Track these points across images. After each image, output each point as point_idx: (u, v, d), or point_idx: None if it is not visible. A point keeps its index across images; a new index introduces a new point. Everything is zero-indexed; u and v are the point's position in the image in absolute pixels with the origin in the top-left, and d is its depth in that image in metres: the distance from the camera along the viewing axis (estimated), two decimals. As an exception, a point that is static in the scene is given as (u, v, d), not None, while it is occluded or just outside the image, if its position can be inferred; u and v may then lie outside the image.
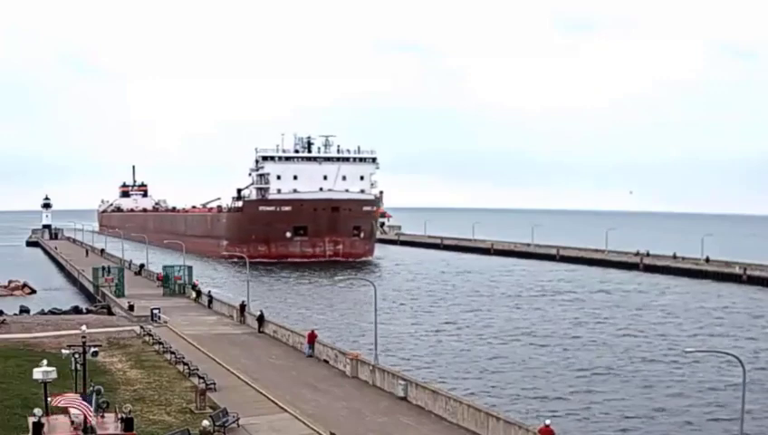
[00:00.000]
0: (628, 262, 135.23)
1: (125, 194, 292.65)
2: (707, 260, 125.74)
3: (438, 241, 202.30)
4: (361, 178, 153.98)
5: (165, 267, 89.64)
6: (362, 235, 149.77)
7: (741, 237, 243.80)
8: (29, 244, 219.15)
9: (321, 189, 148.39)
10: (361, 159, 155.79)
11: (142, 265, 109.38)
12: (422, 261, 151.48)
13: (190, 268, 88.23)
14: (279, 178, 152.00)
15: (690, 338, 66.99)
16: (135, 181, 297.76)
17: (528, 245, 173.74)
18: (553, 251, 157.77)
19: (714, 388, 48.35)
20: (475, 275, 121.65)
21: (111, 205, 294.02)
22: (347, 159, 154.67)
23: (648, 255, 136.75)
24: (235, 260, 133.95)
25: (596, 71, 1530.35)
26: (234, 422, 33.09)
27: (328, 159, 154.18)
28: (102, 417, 24.48)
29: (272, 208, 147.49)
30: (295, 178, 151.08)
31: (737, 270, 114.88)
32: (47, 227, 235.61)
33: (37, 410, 24.03)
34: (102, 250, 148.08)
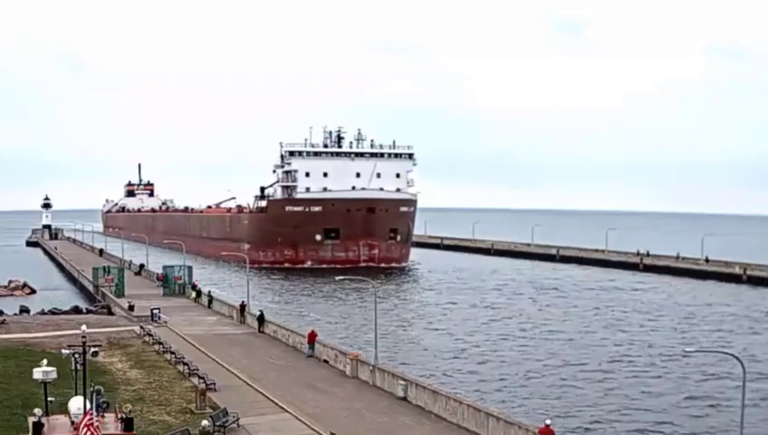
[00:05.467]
0: (628, 262, 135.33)
1: (130, 193, 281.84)
2: (707, 260, 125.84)
3: (438, 241, 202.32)
4: (397, 175, 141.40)
5: (165, 267, 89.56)
6: (399, 238, 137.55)
7: (741, 237, 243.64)
8: (29, 244, 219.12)
9: (353, 188, 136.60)
10: (397, 155, 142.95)
11: (142, 266, 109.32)
12: (422, 261, 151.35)
13: (190, 268, 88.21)
14: (308, 175, 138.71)
15: (690, 338, 67.02)
16: (141, 180, 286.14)
17: (528, 245, 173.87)
18: (553, 251, 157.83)
19: (713, 387, 48.39)
20: (474, 275, 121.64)
21: (116, 205, 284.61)
22: (381, 155, 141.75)
23: (648, 255, 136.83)
24: (263, 267, 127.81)
25: (595, 72, 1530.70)
26: (234, 422, 33.08)
27: (361, 155, 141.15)
28: (102, 417, 24.45)
29: (300, 209, 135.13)
30: (325, 175, 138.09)
31: (737, 270, 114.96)
32: (47, 227, 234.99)
33: (37, 410, 24.00)
34: (102, 250, 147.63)
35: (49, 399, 25.21)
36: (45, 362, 26.26)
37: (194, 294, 79.62)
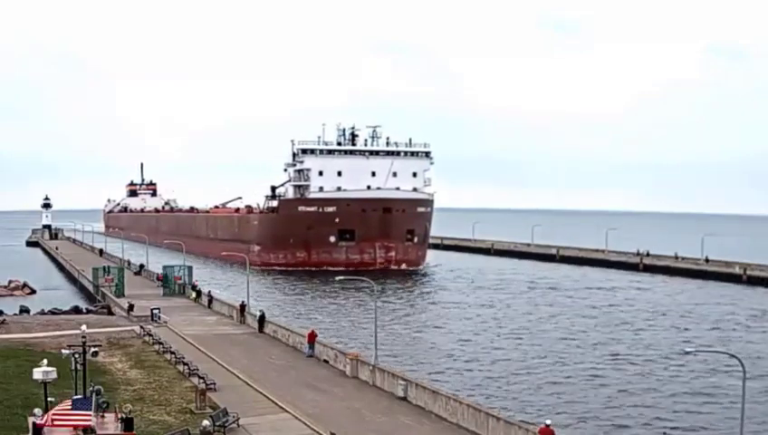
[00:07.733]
0: (628, 262, 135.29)
1: (132, 193, 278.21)
2: (707, 260, 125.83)
3: (438, 241, 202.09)
4: (414, 174, 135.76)
5: (165, 267, 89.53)
6: (416, 239, 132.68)
7: (741, 237, 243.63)
8: (29, 244, 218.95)
9: (368, 187, 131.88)
10: (414, 154, 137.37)
11: (142, 266, 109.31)
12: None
13: (190, 268, 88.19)
14: (321, 174, 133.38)
15: (690, 338, 67.00)
16: (143, 180, 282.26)
17: (528, 245, 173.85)
18: (553, 251, 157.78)
19: (713, 387, 48.40)
20: (473, 276, 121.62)
21: (118, 205, 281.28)
22: (398, 154, 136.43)
23: (647, 255, 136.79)
24: (274, 269, 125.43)
25: (595, 73, 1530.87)
26: (234, 422, 33.09)
27: (376, 153, 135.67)
28: (102, 417, 24.48)
29: (313, 209, 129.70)
30: (339, 174, 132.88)
31: (737, 270, 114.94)
32: (47, 227, 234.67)
33: (37, 411, 24.06)
34: (102, 250, 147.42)
35: (49, 399, 25.23)
36: (45, 362, 26.33)
37: (194, 295, 79.62)
